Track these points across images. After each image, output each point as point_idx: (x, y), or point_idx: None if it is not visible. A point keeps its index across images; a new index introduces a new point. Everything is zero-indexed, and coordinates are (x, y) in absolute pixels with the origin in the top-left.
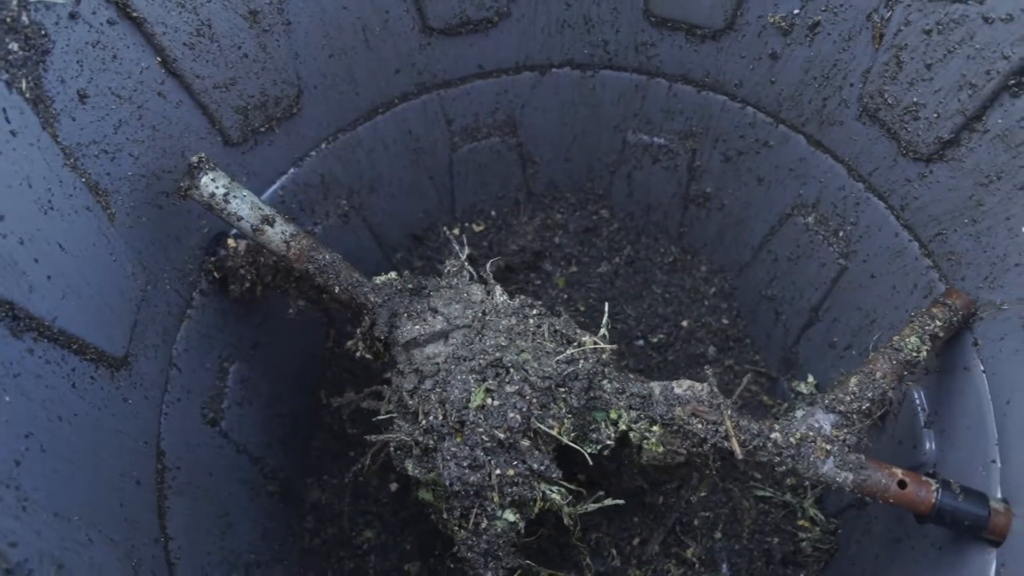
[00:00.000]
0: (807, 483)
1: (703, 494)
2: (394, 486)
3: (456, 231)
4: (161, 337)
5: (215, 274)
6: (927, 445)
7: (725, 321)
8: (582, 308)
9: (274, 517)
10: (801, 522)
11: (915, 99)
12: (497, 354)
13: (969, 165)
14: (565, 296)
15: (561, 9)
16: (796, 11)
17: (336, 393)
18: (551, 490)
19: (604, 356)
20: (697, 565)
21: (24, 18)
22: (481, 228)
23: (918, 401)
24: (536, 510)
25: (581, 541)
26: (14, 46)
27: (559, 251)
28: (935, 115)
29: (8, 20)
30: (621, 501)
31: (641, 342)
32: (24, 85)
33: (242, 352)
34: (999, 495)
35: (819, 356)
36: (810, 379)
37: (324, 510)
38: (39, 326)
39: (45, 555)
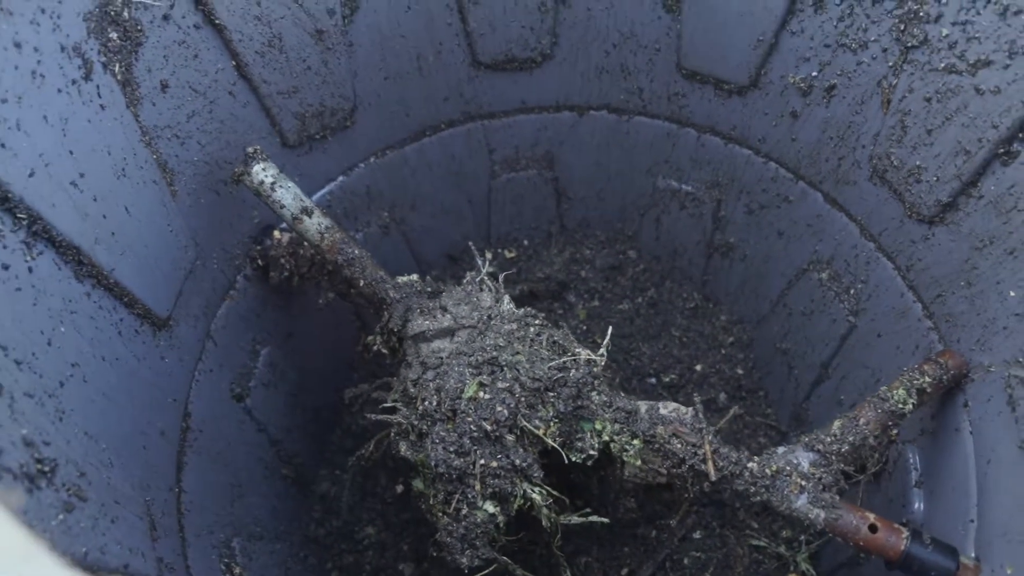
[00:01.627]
0: (803, 537)
1: (698, 535)
2: (400, 488)
3: (489, 255)
4: (203, 310)
5: (259, 262)
6: (915, 504)
7: (740, 371)
8: (599, 341)
9: (284, 499)
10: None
11: (918, 162)
12: (494, 353)
13: (966, 229)
14: (584, 328)
15: (600, 56)
16: (814, 73)
17: (359, 396)
18: (532, 490)
19: (596, 369)
20: None
21: (125, 13)
22: (512, 255)
23: (912, 461)
24: (515, 506)
25: (566, 557)
26: (114, 35)
27: (584, 285)
28: (935, 179)
29: (112, 13)
30: (605, 519)
31: (653, 380)
32: (117, 69)
33: (275, 339)
34: (973, 554)
35: (828, 413)
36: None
37: (332, 503)
38: (98, 274)
39: (71, 461)
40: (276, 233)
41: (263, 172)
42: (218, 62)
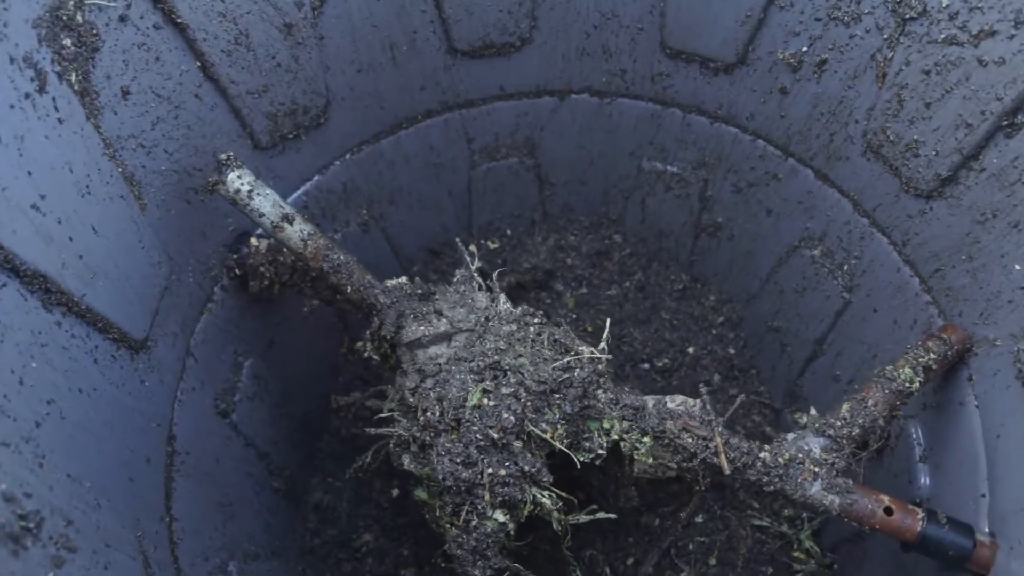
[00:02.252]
0: (804, 515)
1: (700, 519)
2: (396, 491)
3: (472, 247)
4: (180, 326)
5: (236, 271)
6: (922, 480)
7: (731, 351)
8: (590, 329)
9: (276, 513)
10: (796, 554)
11: (915, 136)
12: (496, 357)
13: (967, 203)
14: (574, 316)
15: (581, 38)
16: (805, 48)
17: (351, 404)
18: (541, 494)
19: (600, 367)
20: None
21: (79, 17)
22: (496, 246)
23: (915, 436)
24: (526, 513)
25: (571, 551)
26: (68, 42)
27: (570, 272)
28: (934, 153)
29: (64, 18)
30: (613, 515)
31: (646, 365)
32: (74, 78)
33: (257, 349)
34: (987, 529)
35: (823, 389)
36: (812, 412)
37: (326, 511)
38: (68, 301)
39: (56, 509)
40: (253, 240)
41: (239, 180)
42: (182, 64)
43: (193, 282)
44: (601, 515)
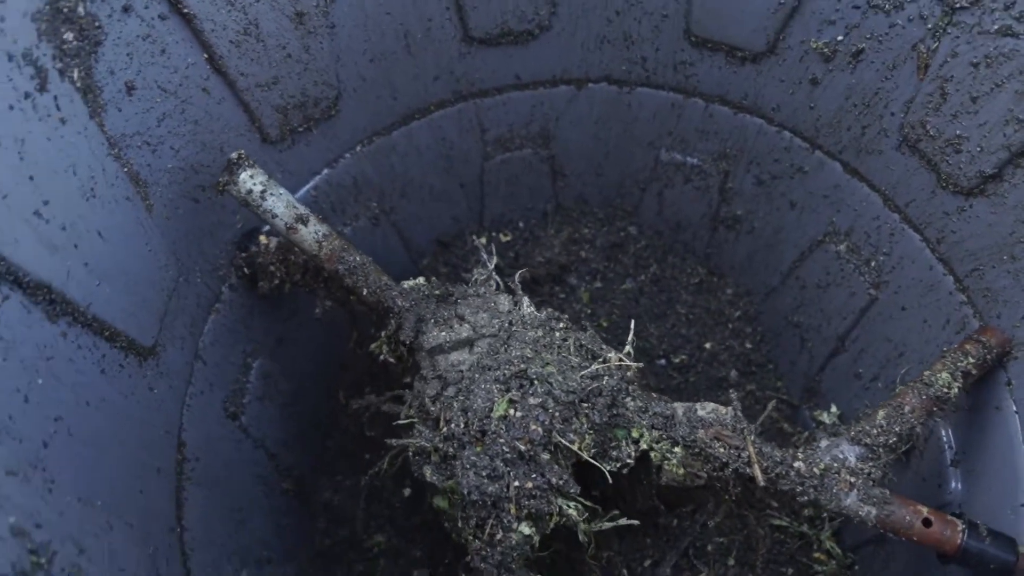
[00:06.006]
0: (825, 515)
1: (717, 519)
2: (408, 491)
3: (483, 240)
4: (189, 329)
5: (245, 269)
6: (952, 484)
7: (749, 345)
8: (605, 324)
9: (287, 515)
10: (817, 555)
11: (958, 132)
12: (522, 365)
13: (1012, 201)
14: (589, 311)
15: (602, 24)
16: (840, 38)
17: (356, 395)
18: (568, 505)
19: (629, 374)
20: None
21: (80, 9)
22: (508, 238)
23: (945, 439)
24: (552, 525)
25: (595, 559)
26: (69, 36)
27: (585, 265)
28: (978, 149)
29: (65, 10)
30: (636, 521)
31: (663, 362)
32: (76, 75)
33: (266, 348)
34: None
35: (844, 386)
36: (833, 409)
37: (336, 511)
38: (74, 311)
39: (67, 537)
40: (263, 238)
41: (251, 180)
42: (188, 56)
43: (201, 283)
44: (623, 521)
